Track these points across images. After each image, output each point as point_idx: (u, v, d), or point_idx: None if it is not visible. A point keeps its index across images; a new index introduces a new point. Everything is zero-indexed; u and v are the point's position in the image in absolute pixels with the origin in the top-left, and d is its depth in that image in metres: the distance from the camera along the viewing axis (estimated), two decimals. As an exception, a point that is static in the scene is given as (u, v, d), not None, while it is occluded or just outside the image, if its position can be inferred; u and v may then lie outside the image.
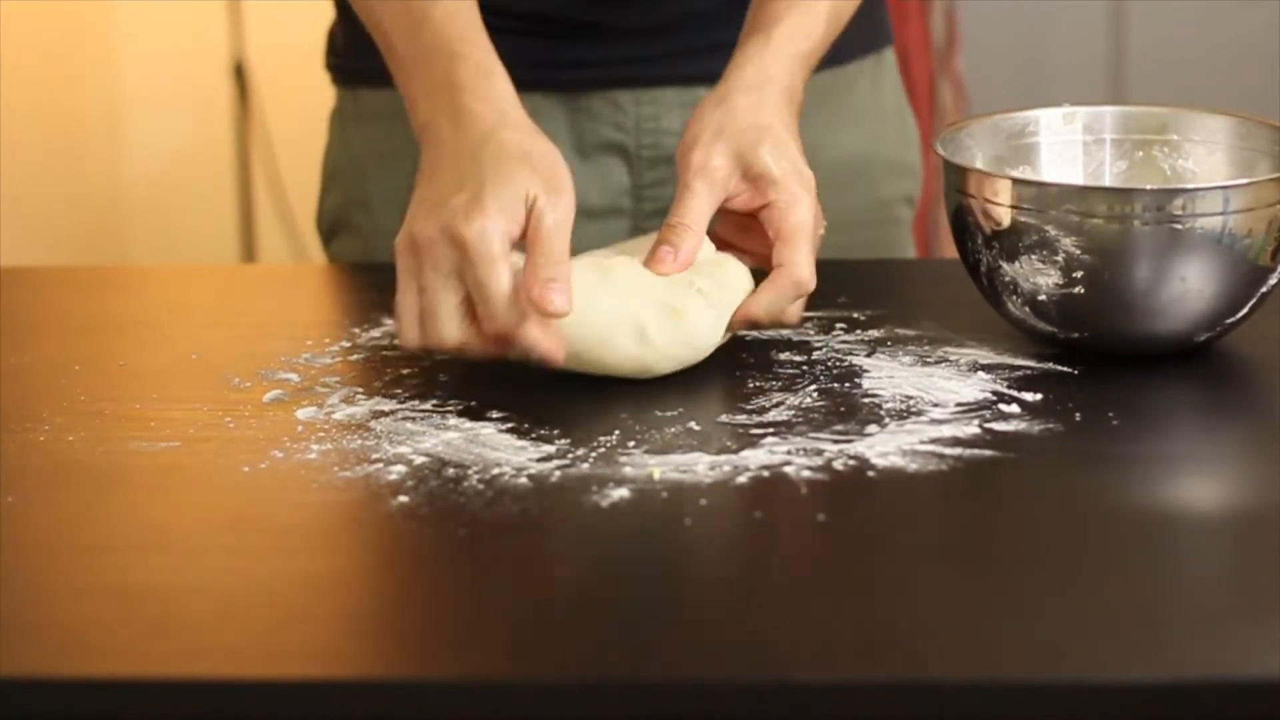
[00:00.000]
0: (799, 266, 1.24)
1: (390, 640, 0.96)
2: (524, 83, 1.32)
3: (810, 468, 1.11)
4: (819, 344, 1.29)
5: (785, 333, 1.31)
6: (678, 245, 1.24)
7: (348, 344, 1.31)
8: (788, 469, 1.11)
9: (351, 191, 1.57)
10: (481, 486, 1.09)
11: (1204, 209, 1.19)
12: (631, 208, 1.53)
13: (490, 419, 1.18)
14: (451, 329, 1.19)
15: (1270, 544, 1.02)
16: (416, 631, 0.97)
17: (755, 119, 1.28)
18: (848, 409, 1.19)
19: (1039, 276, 1.23)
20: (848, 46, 1.55)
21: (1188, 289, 1.21)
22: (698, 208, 1.26)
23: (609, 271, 1.23)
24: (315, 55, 1.63)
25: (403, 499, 1.08)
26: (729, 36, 1.36)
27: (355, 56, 1.53)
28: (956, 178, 1.26)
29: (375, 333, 1.33)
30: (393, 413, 1.19)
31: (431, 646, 0.95)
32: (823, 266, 1.26)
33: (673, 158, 1.44)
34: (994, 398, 1.20)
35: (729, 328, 1.24)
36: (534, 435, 1.15)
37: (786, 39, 1.32)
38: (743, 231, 1.29)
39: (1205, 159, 1.34)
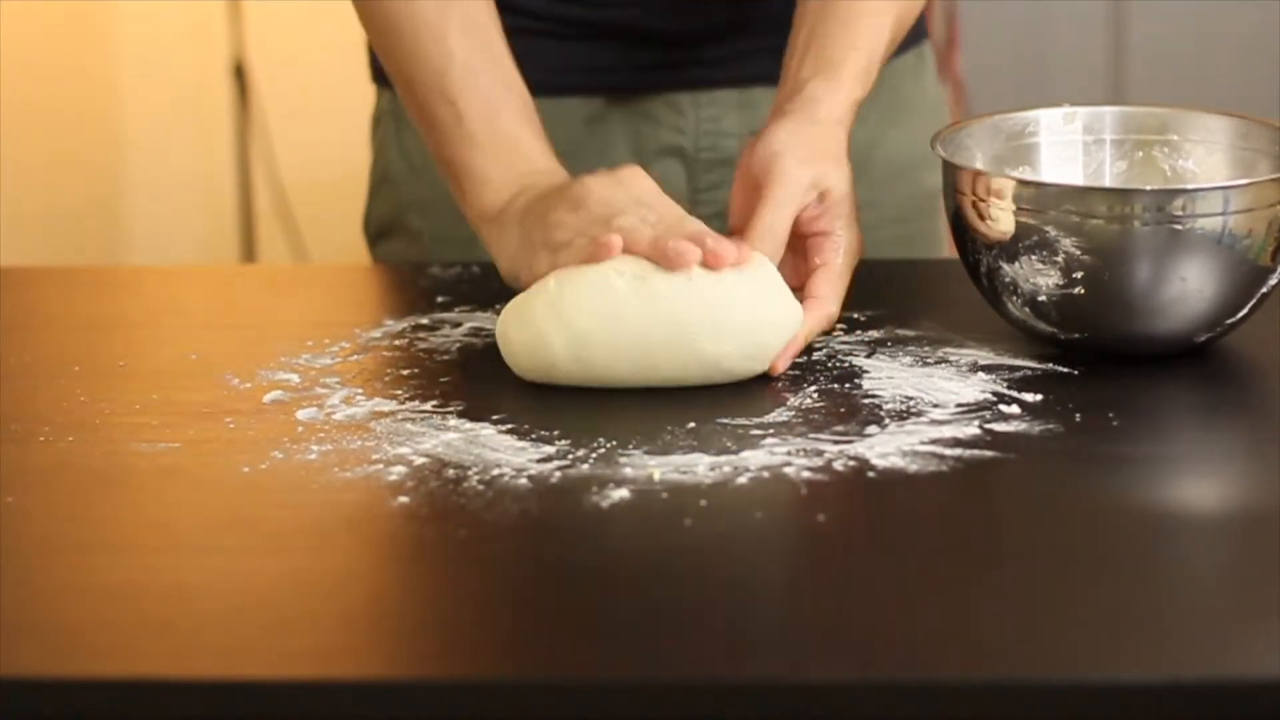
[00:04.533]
0: (836, 303, 1.27)
1: (390, 640, 0.96)
2: (585, 88, 1.33)
3: (810, 468, 1.11)
4: (819, 344, 1.29)
5: (785, 333, 1.31)
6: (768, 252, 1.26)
7: (348, 344, 1.31)
8: (788, 470, 1.11)
9: (406, 195, 1.57)
10: (481, 487, 1.09)
11: (1204, 209, 1.19)
12: (688, 211, 1.53)
13: (490, 420, 1.18)
14: (644, 227, 1.21)
15: (1270, 544, 1.02)
16: (416, 632, 0.97)
17: (839, 152, 1.31)
18: (848, 410, 1.19)
19: (1039, 277, 1.23)
20: None
21: (1188, 289, 1.21)
22: (788, 210, 1.28)
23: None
24: (315, 55, 1.63)
25: (403, 500, 1.08)
26: (786, 39, 1.36)
27: None
28: (956, 178, 1.26)
29: (375, 333, 1.33)
30: (393, 413, 1.19)
31: (431, 646, 0.95)
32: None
33: (730, 160, 1.47)
34: (994, 398, 1.20)
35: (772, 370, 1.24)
36: (534, 436, 1.15)
37: (854, 83, 1.34)
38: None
39: (1205, 159, 1.34)
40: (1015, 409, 1.18)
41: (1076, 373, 1.24)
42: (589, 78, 1.34)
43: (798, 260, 1.29)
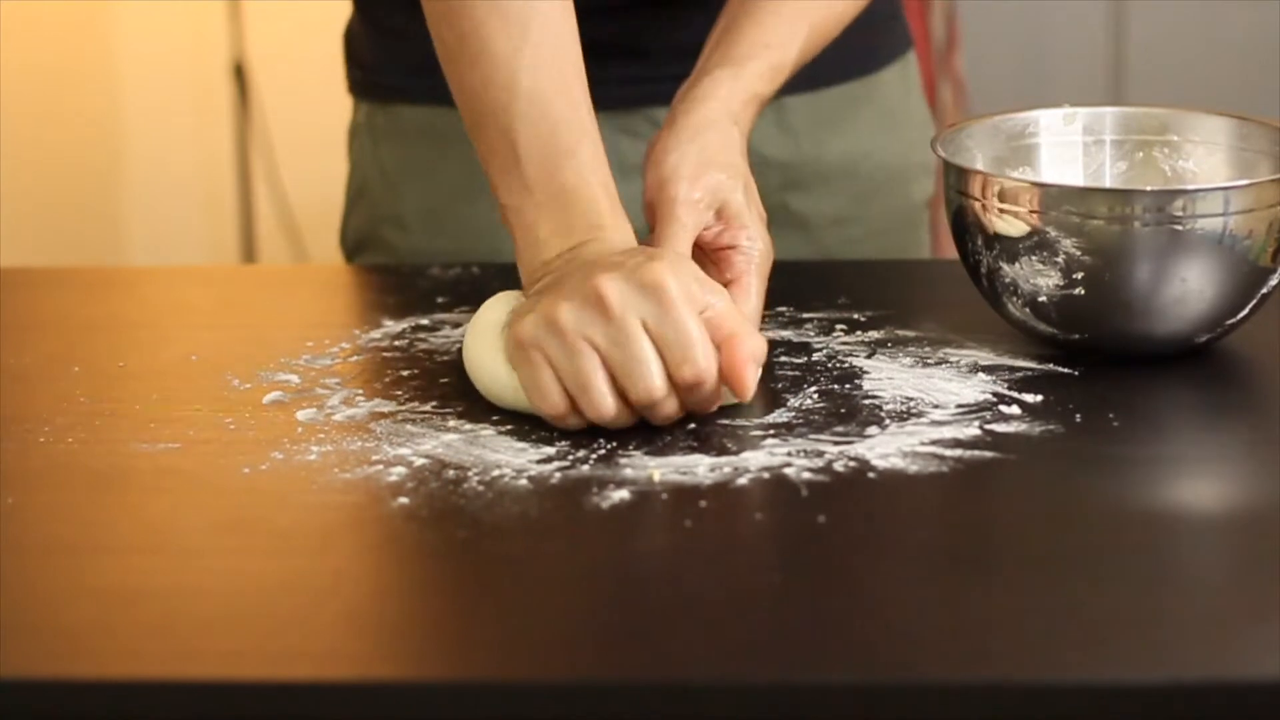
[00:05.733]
0: (756, 332, 1.20)
1: (390, 641, 0.96)
2: None
3: (810, 469, 1.11)
4: (819, 345, 1.29)
5: (785, 334, 1.31)
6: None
7: (348, 345, 1.31)
8: (788, 471, 1.11)
9: (382, 209, 1.56)
10: (481, 488, 1.09)
11: (1204, 210, 1.19)
12: None
13: (490, 421, 1.18)
14: (609, 402, 1.13)
15: (1270, 544, 1.02)
16: (416, 632, 0.97)
17: (729, 158, 1.28)
18: (848, 410, 1.19)
19: (1039, 277, 1.23)
20: (878, 54, 1.56)
21: (1188, 290, 1.21)
22: (685, 239, 1.25)
23: None
24: (315, 55, 1.63)
25: (403, 500, 1.08)
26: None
27: (389, 73, 1.52)
28: (956, 178, 1.26)
29: (375, 334, 1.33)
30: (393, 414, 1.19)
31: (431, 647, 0.95)
32: (823, 268, 1.27)
33: None
34: (994, 399, 1.20)
35: None
36: (534, 437, 1.15)
37: (757, 79, 1.32)
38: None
39: (1205, 160, 1.34)
40: (1015, 410, 1.18)
41: (1077, 373, 1.24)
42: None
43: (711, 272, 1.25)
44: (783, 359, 1.27)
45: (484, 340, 1.22)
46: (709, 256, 1.27)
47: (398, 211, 1.54)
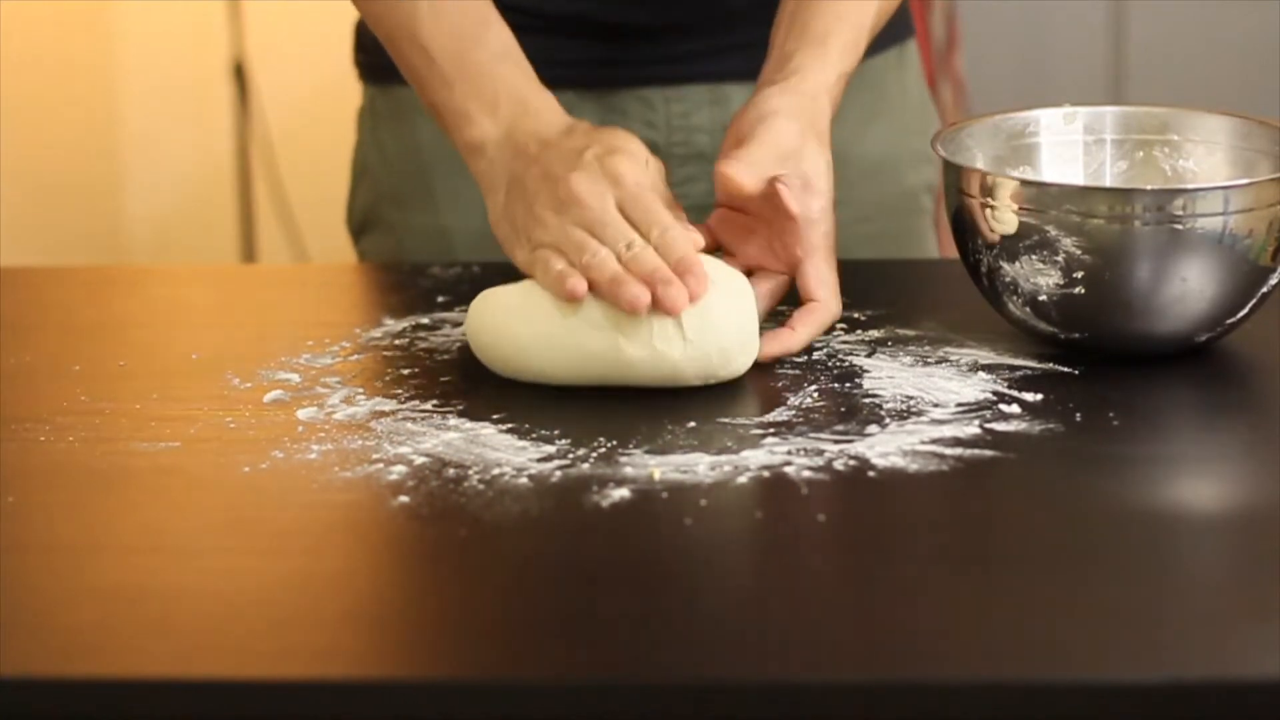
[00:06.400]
0: (836, 300, 1.27)
1: (390, 640, 0.96)
2: (556, 81, 1.33)
3: (811, 468, 1.11)
4: (819, 344, 1.29)
5: (785, 333, 1.31)
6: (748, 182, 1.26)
7: (348, 344, 1.31)
8: (788, 469, 1.10)
9: (383, 188, 1.58)
10: (482, 487, 1.09)
11: (1204, 209, 1.19)
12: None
13: (490, 420, 1.18)
14: (602, 255, 1.22)
15: (1270, 544, 1.02)
16: (417, 632, 0.97)
17: (822, 124, 1.30)
18: (848, 409, 1.19)
19: (1039, 277, 1.23)
20: (876, 40, 1.56)
21: (1188, 289, 1.21)
22: (764, 157, 1.27)
23: None
24: (315, 55, 1.63)
25: (403, 499, 1.08)
26: (759, 34, 1.37)
27: (385, 54, 1.53)
28: (957, 178, 1.26)
29: (376, 333, 1.33)
30: (393, 413, 1.19)
31: (431, 646, 0.95)
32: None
33: (702, 154, 1.48)
34: (994, 398, 1.20)
35: (761, 356, 1.24)
36: (534, 435, 1.15)
37: (840, 54, 1.34)
38: (746, 234, 1.29)
39: (1206, 159, 1.34)
40: (1015, 409, 1.18)
41: (1077, 372, 1.24)
42: (554, 71, 1.34)
43: (772, 237, 1.27)
44: (783, 357, 1.27)
45: (490, 305, 1.24)
46: (773, 218, 1.27)
47: (396, 190, 1.56)
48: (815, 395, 1.21)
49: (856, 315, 1.33)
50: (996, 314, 1.28)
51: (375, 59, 1.58)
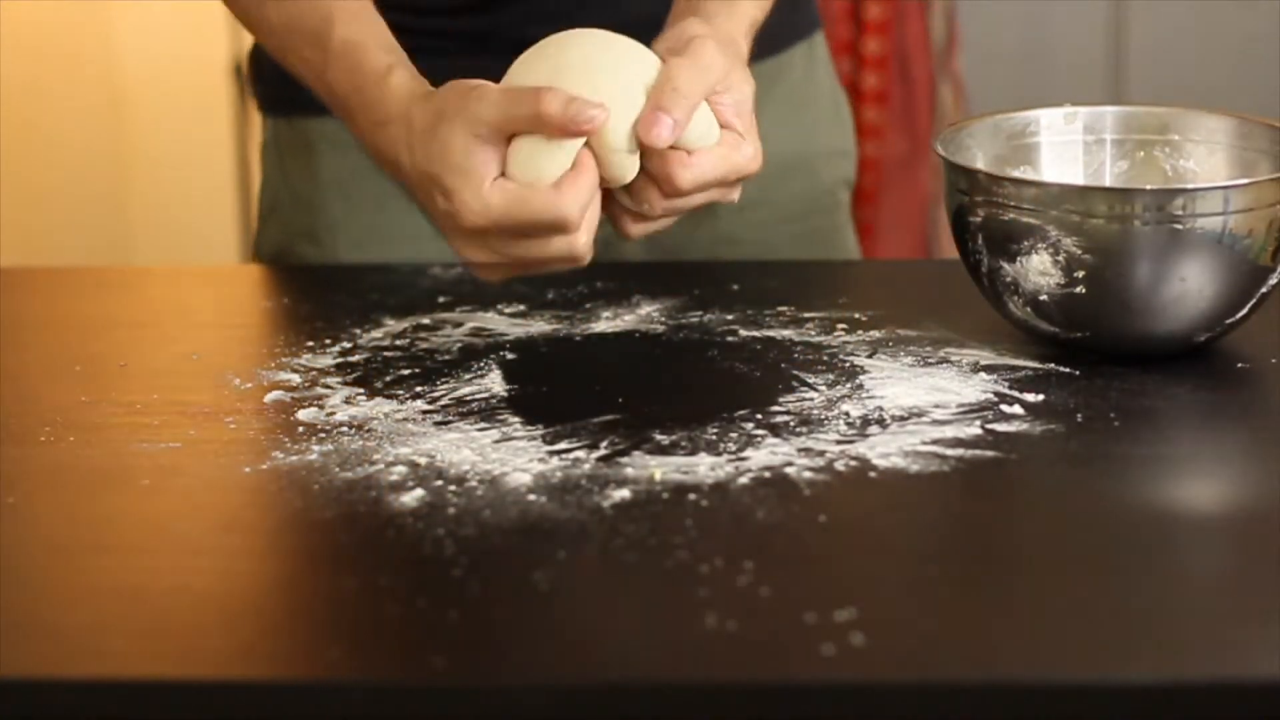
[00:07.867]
0: (756, 150, 1.21)
1: (390, 641, 0.96)
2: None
3: (812, 469, 1.11)
4: (820, 344, 1.29)
5: (786, 333, 1.31)
6: (676, 116, 1.17)
7: (349, 344, 1.31)
8: (789, 470, 1.11)
9: (294, 225, 1.55)
10: (483, 487, 1.09)
11: (1204, 209, 1.19)
12: None
13: (492, 419, 1.18)
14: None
15: (1270, 544, 1.02)
16: (417, 633, 0.97)
17: (741, 59, 1.25)
18: (849, 410, 1.19)
19: (1040, 277, 1.23)
20: (781, 36, 1.54)
21: (1188, 289, 1.21)
22: (700, 83, 1.18)
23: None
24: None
25: (404, 500, 1.08)
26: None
27: (290, 85, 1.51)
28: (957, 178, 1.26)
29: (376, 333, 1.33)
30: (394, 413, 1.19)
31: (432, 648, 0.95)
32: (822, 267, 1.26)
33: None
34: (995, 398, 1.20)
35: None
36: (535, 436, 1.15)
37: (749, 2, 1.30)
38: None
39: (1206, 159, 1.34)
40: (1017, 409, 1.18)
41: (1078, 373, 1.24)
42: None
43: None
44: (784, 358, 1.27)
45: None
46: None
47: (310, 226, 1.54)
48: (816, 396, 1.21)
49: (857, 316, 1.34)
50: (997, 314, 1.28)
51: (277, 91, 1.55)
